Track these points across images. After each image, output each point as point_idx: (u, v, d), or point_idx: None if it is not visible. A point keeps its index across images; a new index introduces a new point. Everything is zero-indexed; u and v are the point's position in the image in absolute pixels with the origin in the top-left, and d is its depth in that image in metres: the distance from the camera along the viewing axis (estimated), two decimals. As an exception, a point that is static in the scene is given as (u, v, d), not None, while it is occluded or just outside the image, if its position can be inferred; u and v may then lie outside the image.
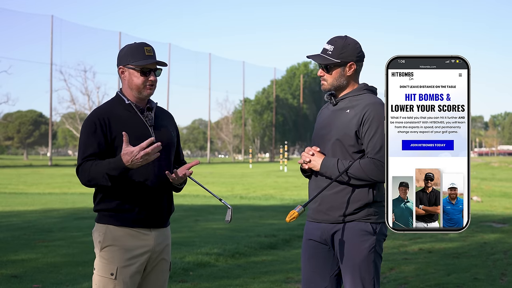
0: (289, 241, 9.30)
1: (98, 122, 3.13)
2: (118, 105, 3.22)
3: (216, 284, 6.34)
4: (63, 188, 21.69)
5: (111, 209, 3.15)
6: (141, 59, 3.17)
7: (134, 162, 2.99)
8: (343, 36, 3.35)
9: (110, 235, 3.14)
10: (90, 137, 3.12)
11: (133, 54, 3.19)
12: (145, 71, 3.19)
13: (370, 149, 3.22)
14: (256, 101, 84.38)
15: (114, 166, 3.00)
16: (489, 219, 12.30)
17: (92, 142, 3.11)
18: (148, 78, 3.20)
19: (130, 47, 3.22)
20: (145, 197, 3.17)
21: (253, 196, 18.45)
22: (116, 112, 3.18)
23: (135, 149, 2.98)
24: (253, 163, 59.84)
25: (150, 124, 3.24)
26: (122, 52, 3.24)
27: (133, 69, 3.19)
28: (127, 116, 3.19)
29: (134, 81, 3.19)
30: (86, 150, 3.11)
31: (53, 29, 55.26)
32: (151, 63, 3.18)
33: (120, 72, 3.25)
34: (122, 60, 3.22)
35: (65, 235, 9.65)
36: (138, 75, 3.19)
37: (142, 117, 3.22)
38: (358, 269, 3.25)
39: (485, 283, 6.32)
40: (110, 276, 3.09)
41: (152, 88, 3.23)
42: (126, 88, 3.24)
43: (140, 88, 3.20)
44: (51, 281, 6.42)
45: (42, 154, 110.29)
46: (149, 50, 3.20)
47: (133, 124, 3.18)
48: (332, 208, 3.30)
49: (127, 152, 2.99)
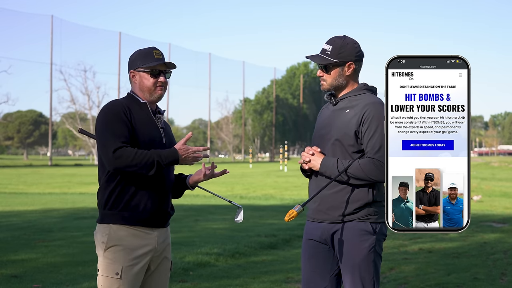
0: (289, 241, 9.31)
1: (123, 111, 3.18)
2: (133, 103, 3.27)
3: (216, 284, 6.34)
4: (63, 188, 21.70)
5: (116, 209, 3.18)
6: (151, 62, 3.26)
7: (185, 158, 3.17)
8: (341, 36, 3.35)
9: (114, 235, 3.16)
10: (120, 124, 3.14)
11: (143, 58, 3.28)
12: (155, 73, 3.27)
13: (369, 149, 3.22)
14: (256, 101, 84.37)
15: (167, 155, 3.13)
16: (489, 219, 12.31)
17: (123, 129, 3.13)
18: (158, 80, 3.27)
19: (139, 52, 3.32)
20: (150, 197, 3.21)
21: (253, 196, 18.46)
22: (134, 108, 3.25)
23: (192, 147, 3.19)
24: (253, 163, 59.83)
25: (161, 126, 3.32)
26: (132, 57, 3.33)
27: (143, 71, 3.27)
28: (143, 114, 3.26)
29: (145, 83, 3.27)
30: (120, 136, 3.11)
31: (53, 29, 55.33)
32: (160, 65, 3.26)
33: (131, 77, 3.32)
34: (133, 65, 3.31)
35: (65, 235, 9.65)
36: (148, 77, 3.26)
37: (155, 118, 3.30)
38: (358, 269, 3.25)
39: (485, 283, 6.32)
40: (115, 276, 3.13)
41: (163, 89, 3.31)
42: (138, 91, 3.30)
43: (151, 89, 3.27)
44: (51, 281, 6.42)
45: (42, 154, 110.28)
46: (158, 53, 3.29)
47: (148, 123, 3.25)
48: (332, 208, 3.30)
49: (184, 148, 3.17)
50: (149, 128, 3.24)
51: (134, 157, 3.07)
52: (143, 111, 3.27)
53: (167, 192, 3.30)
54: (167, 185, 3.29)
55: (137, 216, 3.18)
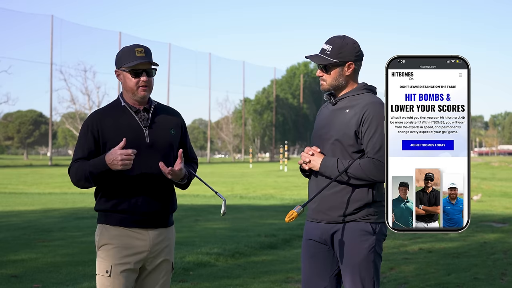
0: (289, 241, 9.30)
1: (90, 125, 3.20)
2: (114, 108, 3.26)
3: (216, 284, 6.34)
4: (63, 188, 21.68)
5: (107, 210, 3.18)
6: (132, 61, 3.17)
7: (113, 163, 3.03)
8: (341, 36, 3.34)
9: (107, 234, 3.17)
10: (81, 140, 3.21)
11: (125, 56, 3.20)
12: (137, 72, 3.19)
13: (369, 149, 3.22)
14: (256, 101, 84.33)
15: (95, 163, 3.09)
16: (489, 218, 12.30)
17: (82, 145, 3.20)
18: (140, 79, 3.19)
19: (122, 50, 3.24)
20: (141, 198, 3.17)
21: (253, 195, 18.45)
22: (110, 115, 3.22)
23: (116, 150, 3.04)
24: (253, 162, 59.82)
25: (145, 125, 3.22)
26: (117, 55, 3.27)
27: (125, 71, 3.21)
28: (120, 119, 3.21)
29: (128, 83, 3.21)
30: (77, 153, 3.21)
31: (53, 29, 55.29)
32: (142, 63, 3.17)
33: (117, 76, 3.27)
34: (117, 64, 3.26)
35: (65, 235, 9.65)
36: (130, 77, 3.20)
37: (137, 118, 3.22)
38: (358, 269, 3.24)
39: (485, 283, 6.32)
40: (105, 274, 3.13)
41: (147, 89, 3.21)
42: (124, 91, 3.28)
43: (134, 89, 3.21)
44: (51, 281, 6.42)
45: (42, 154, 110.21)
46: (140, 51, 3.18)
47: (126, 126, 3.19)
48: (332, 208, 3.29)
49: (110, 152, 3.06)
50: (126, 131, 3.16)
51: (76, 173, 3.15)
52: (124, 115, 3.22)
53: (158, 192, 3.23)
54: (154, 185, 3.21)
55: (128, 217, 3.16)
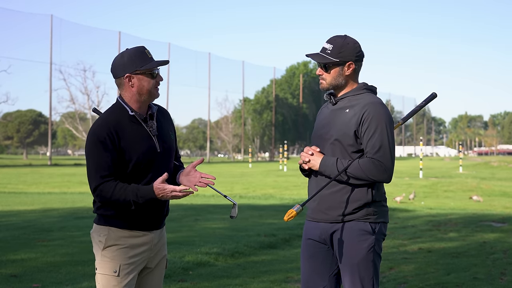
0: (289, 241, 9.30)
1: (108, 137, 3.08)
2: (122, 117, 3.15)
3: (215, 284, 6.33)
4: (63, 188, 21.68)
5: (112, 215, 3.18)
6: (149, 62, 3.14)
7: (163, 197, 3.08)
8: (342, 36, 3.34)
9: (113, 235, 3.18)
10: (103, 155, 3.07)
11: (139, 60, 3.12)
12: (154, 73, 3.17)
13: (369, 149, 3.22)
14: (255, 101, 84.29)
15: (143, 195, 3.07)
16: (488, 218, 12.29)
17: (106, 160, 3.07)
18: (157, 80, 3.18)
19: (130, 54, 3.14)
20: (150, 204, 3.17)
21: (252, 195, 18.44)
22: (122, 125, 3.13)
23: (168, 188, 3.06)
24: (252, 162, 59.81)
25: (154, 133, 3.21)
26: (124, 60, 3.14)
27: (142, 73, 3.14)
28: (133, 129, 3.15)
29: (145, 86, 3.15)
30: (102, 169, 3.07)
31: (52, 28, 55.19)
32: (159, 62, 3.16)
33: (126, 81, 3.14)
34: (128, 68, 3.13)
35: (64, 235, 9.64)
36: (148, 79, 3.15)
37: (146, 127, 3.19)
38: (357, 268, 3.25)
39: (484, 283, 6.32)
40: (113, 274, 3.15)
41: (158, 89, 3.23)
42: (133, 95, 3.16)
43: (152, 91, 3.17)
44: (50, 280, 6.42)
45: (41, 153, 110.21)
46: (149, 52, 3.18)
47: (140, 137, 3.15)
48: (331, 208, 3.29)
49: (160, 188, 3.07)
50: (140, 143, 3.14)
51: (112, 194, 3.07)
52: (133, 124, 3.15)
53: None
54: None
55: (132, 221, 3.18)
